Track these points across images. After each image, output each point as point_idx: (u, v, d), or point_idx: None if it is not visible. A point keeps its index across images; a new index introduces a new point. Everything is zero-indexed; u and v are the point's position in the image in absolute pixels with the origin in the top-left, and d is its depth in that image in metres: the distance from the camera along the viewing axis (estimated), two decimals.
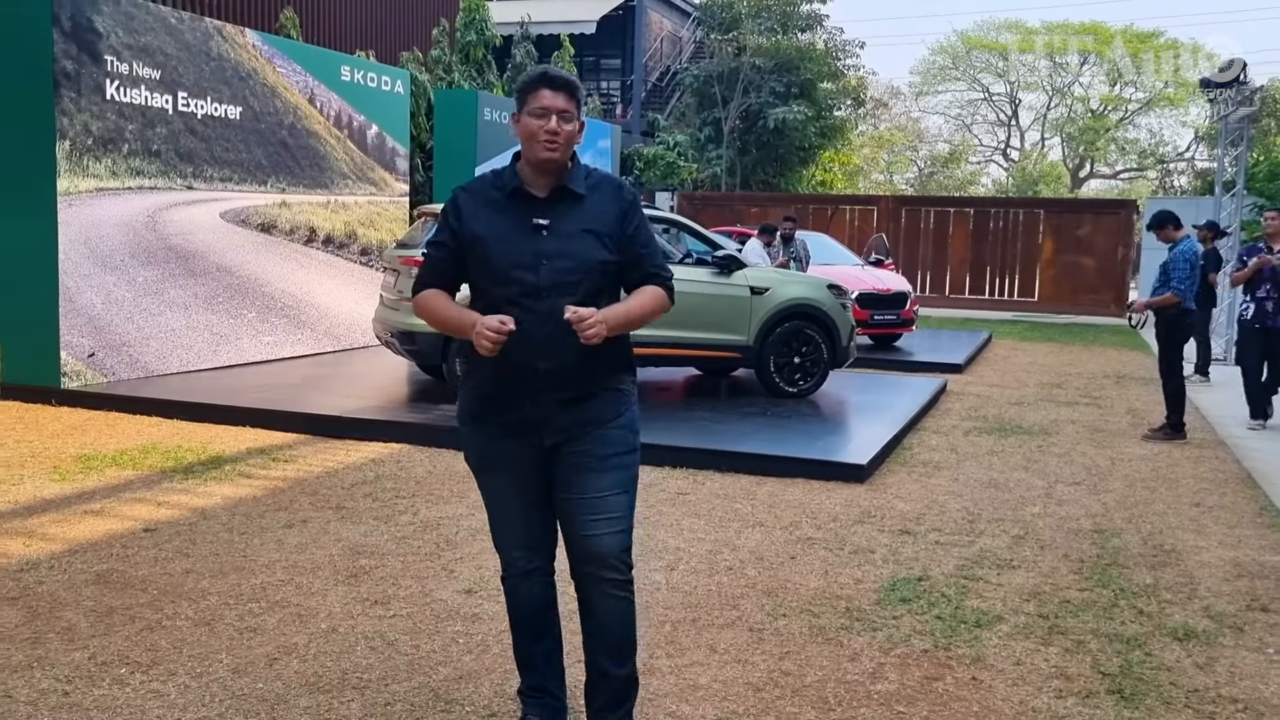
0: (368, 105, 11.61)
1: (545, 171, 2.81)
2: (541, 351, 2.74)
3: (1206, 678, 3.71)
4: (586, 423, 2.84)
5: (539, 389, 2.78)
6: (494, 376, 2.83)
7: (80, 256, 8.40)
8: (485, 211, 2.83)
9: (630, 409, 2.94)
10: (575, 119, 2.82)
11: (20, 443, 6.94)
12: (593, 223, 2.82)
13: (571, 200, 2.83)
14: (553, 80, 2.80)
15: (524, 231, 2.78)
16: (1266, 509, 6.17)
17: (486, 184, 2.89)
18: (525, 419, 2.83)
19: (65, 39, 8.09)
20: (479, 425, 2.91)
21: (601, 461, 2.84)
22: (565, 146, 2.78)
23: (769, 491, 6.17)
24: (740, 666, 3.68)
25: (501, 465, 2.90)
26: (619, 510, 2.87)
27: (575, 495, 2.84)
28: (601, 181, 2.92)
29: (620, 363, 2.94)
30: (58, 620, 3.93)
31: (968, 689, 3.55)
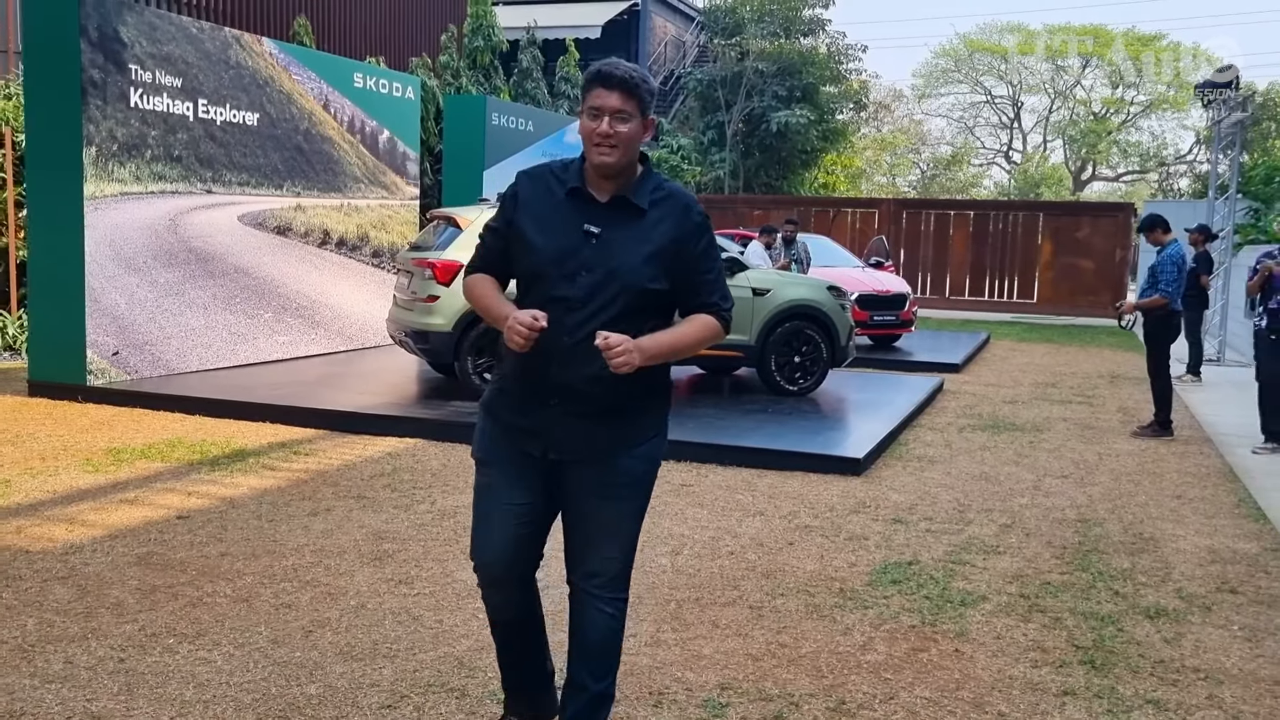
0: (380, 111, 11.92)
1: (604, 175, 2.64)
2: (562, 364, 2.61)
3: (1173, 651, 4.00)
4: (598, 446, 2.70)
5: (550, 398, 2.66)
6: (515, 376, 2.73)
7: (105, 258, 8.71)
8: (542, 204, 2.68)
9: (652, 440, 2.78)
10: (635, 118, 2.60)
11: (52, 437, 7.24)
12: (648, 243, 2.63)
13: (630, 212, 2.65)
14: (607, 77, 2.59)
15: (573, 235, 2.62)
16: (1244, 501, 6.46)
17: (550, 174, 2.73)
18: (534, 427, 2.71)
19: (92, 49, 8.40)
20: (491, 417, 2.81)
21: (609, 489, 2.72)
22: (624, 150, 2.59)
23: (769, 483, 6.47)
24: (740, 639, 3.97)
25: (501, 463, 2.77)
26: (623, 536, 2.77)
27: (581, 516, 2.76)
28: (670, 197, 2.71)
29: (652, 388, 2.77)
30: (106, 597, 4.23)
31: (950, 659, 3.84)
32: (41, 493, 5.81)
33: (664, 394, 2.83)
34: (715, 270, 2.74)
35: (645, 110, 2.63)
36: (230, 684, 3.46)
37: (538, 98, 19.22)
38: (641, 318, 2.64)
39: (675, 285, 2.68)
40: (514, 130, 13.77)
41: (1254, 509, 6.27)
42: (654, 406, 2.80)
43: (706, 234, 2.73)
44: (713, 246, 2.74)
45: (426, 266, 8.48)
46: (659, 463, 2.83)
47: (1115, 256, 20.76)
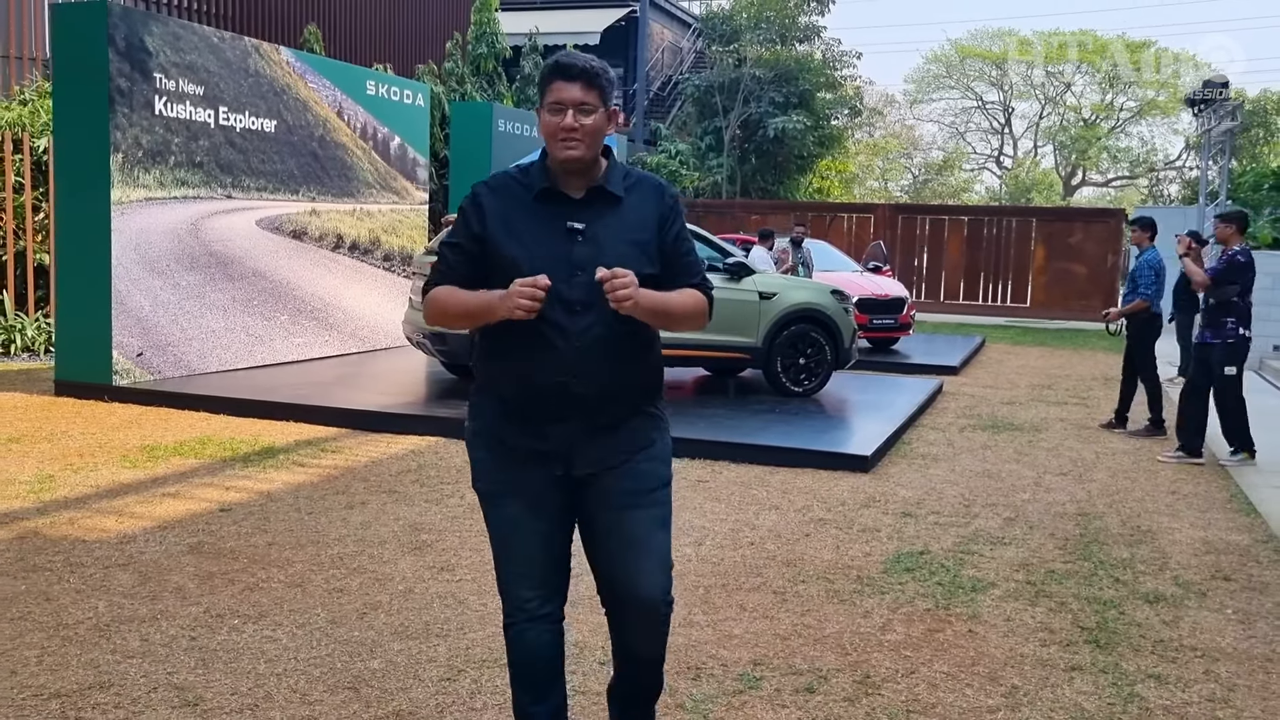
0: (391, 118, 12.17)
1: (572, 171, 2.54)
2: (573, 371, 2.49)
3: (1171, 632, 4.28)
4: (618, 453, 2.60)
5: (568, 413, 2.54)
6: (517, 394, 2.57)
7: (130, 262, 8.94)
8: (513, 212, 2.55)
9: (663, 437, 2.71)
10: (598, 109, 2.50)
11: (85, 435, 7.48)
12: (633, 230, 2.57)
13: (608, 202, 2.57)
14: (566, 69, 2.49)
15: (557, 237, 2.51)
16: (1236, 496, 6.75)
17: (511, 181, 2.61)
18: (550, 447, 2.57)
19: (120, 58, 8.64)
20: (495, 446, 2.63)
21: (637, 498, 2.60)
22: (589, 143, 2.50)
23: (781, 480, 6.74)
24: (768, 621, 4.24)
25: (518, 493, 2.62)
26: (660, 549, 2.63)
27: (610, 533, 2.62)
28: (641, 182, 2.65)
29: (652, 385, 2.71)
30: (167, 582, 4.48)
31: (965, 639, 4.12)
32: (85, 487, 6.05)
33: (662, 385, 2.76)
34: (693, 251, 2.69)
35: (607, 100, 2.53)
36: (297, 659, 3.72)
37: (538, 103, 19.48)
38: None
39: (661, 270, 2.61)
40: (519, 136, 14.03)
41: (1245, 503, 6.56)
42: (658, 400, 2.73)
43: (680, 215, 2.68)
44: (685, 226, 2.70)
45: None
46: (671, 458, 2.74)
47: (1106, 262, 21.11)
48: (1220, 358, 7.64)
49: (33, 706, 3.31)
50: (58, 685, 3.46)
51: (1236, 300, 7.52)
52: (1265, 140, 37.16)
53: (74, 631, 3.91)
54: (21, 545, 4.94)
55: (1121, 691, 3.68)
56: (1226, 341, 7.60)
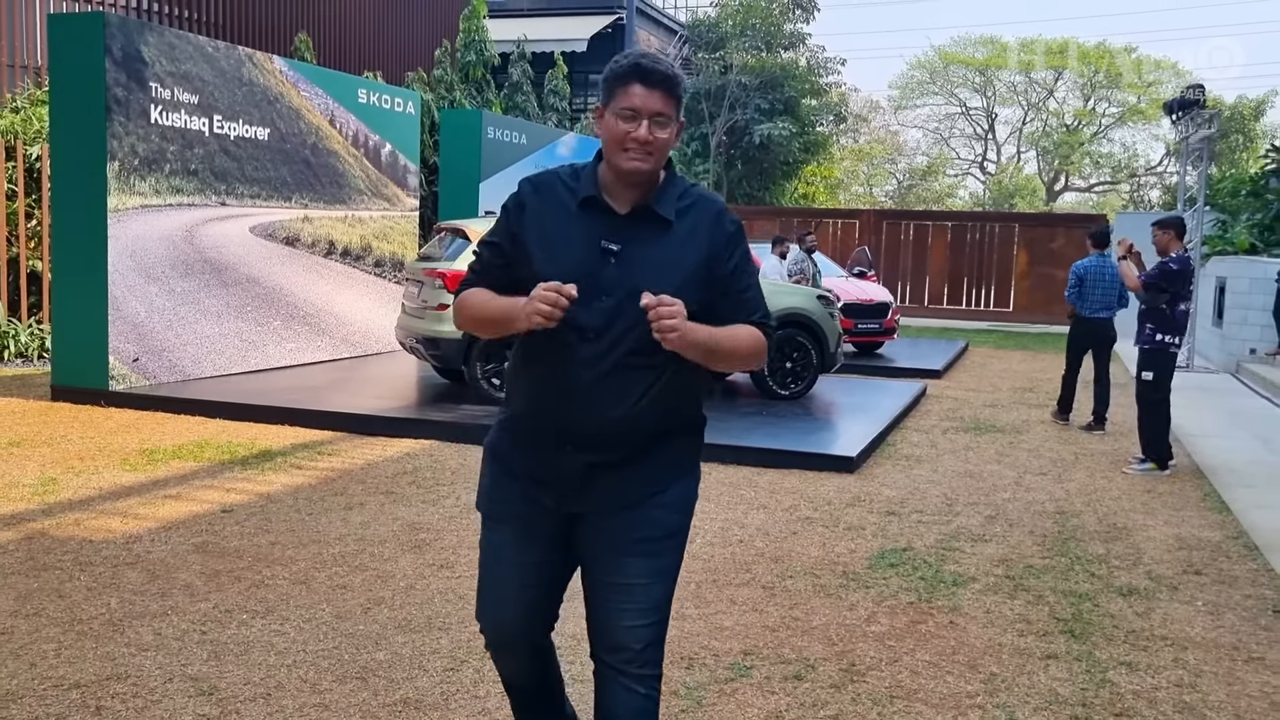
0: (382, 125, 12.31)
1: (630, 184, 2.31)
2: (581, 405, 2.31)
3: (1143, 622, 4.47)
4: (619, 496, 2.37)
5: (567, 446, 2.35)
6: (524, 416, 2.43)
7: (126, 268, 9.06)
8: (552, 217, 2.35)
9: (681, 482, 2.44)
10: (673, 122, 2.30)
11: (84, 439, 7.59)
12: (677, 257, 2.31)
13: (655, 225, 2.33)
14: (647, 74, 2.26)
15: (588, 253, 2.29)
16: (1209, 495, 6.96)
17: (559, 182, 2.40)
18: (546, 477, 2.39)
19: (116, 67, 8.77)
20: (499, 464, 2.49)
21: (635, 545, 2.38)
22: (659, 158, 2.30)
23: (769, 480, 6.91)
24: (757, 614, 4.41)
25: (511, 519, 2.46)
26: (650, 601, 2.39)
27: (601, 576, 2.41)
28: (698, 203, 2.38)
29: (685, 422, 2.45)
30: (175, 580, 4.62)
31: (946, 629, 4.30)
32: (88, 489, 6.18)
33: (698, 428, 2.49)
34: (753, 286, 2.41)
35: (680, 112, 2.35)
36: (306, 651, 3.87)
37: (528, 110, 19.69)
38: (668, 353, 2.27)
39: (709, 307, 2.33)
40: (508, 143, 14.19)
41: (1218, 502, 6.77)
42: (686, 444, 2.46)
43: (741, 244, 2.39)
44: (748, 259, 2.41)
45: (437, 276, 8.89)
46: (692, 511, 2.47)
47: None
48: (1140, 363, 7.70)
49: (54, 696, 3.45)
50: (76, 676, 3.60)
51: (1164, 308, 7.48)
52: (1245, 146, 37.61)
53: (88, 626, 4.05)
54: (30, 545, 5.06)
55: (1094, 678, 3.86)
56: (1144, 348, 7.64)
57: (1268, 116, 38.62)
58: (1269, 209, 16.30)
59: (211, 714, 3.35)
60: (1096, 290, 9.33)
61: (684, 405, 2.43)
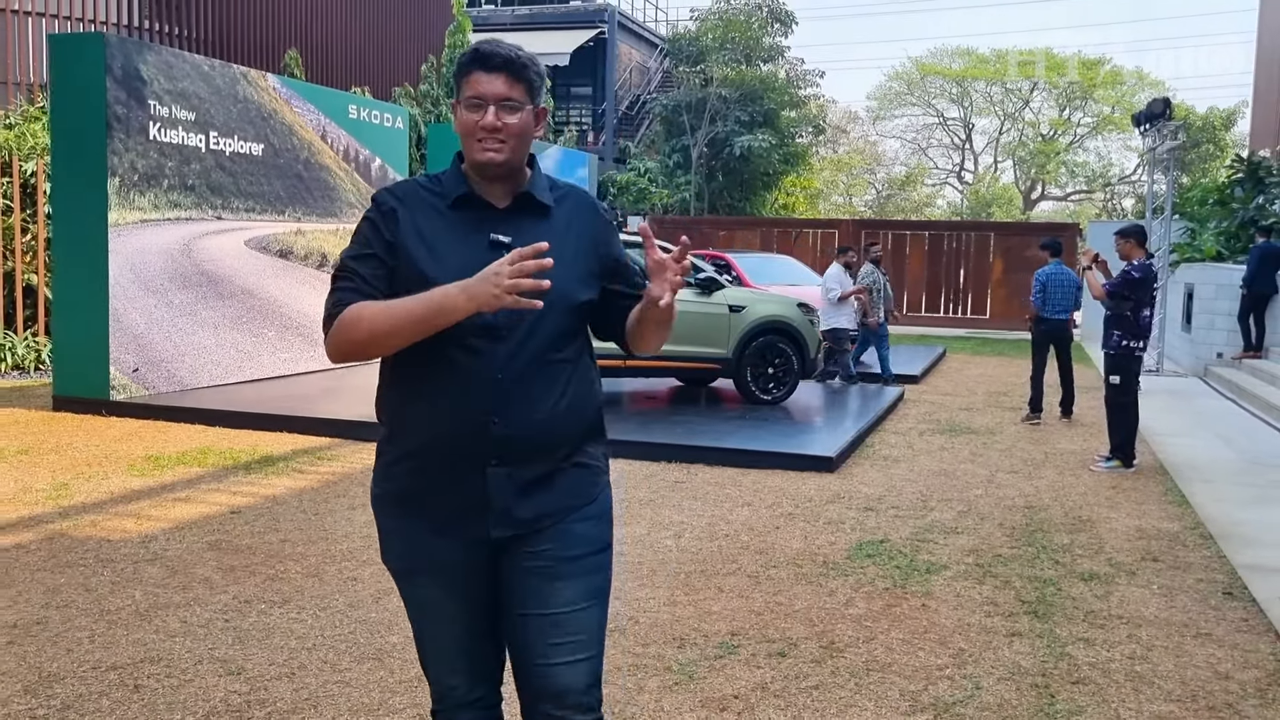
0: (371, 140, 12.60)
1: (493, 176, 2.18)
2: (501, 410, 2.10)
3: (1102, 604, 4.80)
4: (548, 512, 2.19)
5: (489, 459, 2.13)
6: (430, 441, 2.16)
7: (127, 281, 9.31)
8: (426, 221, 2.17)
9: (604, 491, 2.30)
10: (524, 106, 2.15)
11: (89, 446, 7.84)
12: (568, 246, 2.18)
13: (537, 213, 2.21)
14: (487, 58, 2.14)
15: (477, 250, 2.13)
16: (1170, 491, 7.31)
17: (419, 189, 2.22)
18: (467, 504, 2.15)
19: (117, 86, 9.03)
20: (402, 511, 2.23)
21: (566, 565, 2.19)
22: (513, 145, 2.14)
23: (753, 480, 7.22)
24: (743, 600, 4.72)
25: (434, 570, 2.23)
26: (587, 630, 2.21)
27: (532, 612, 2.19)
28: (571, 194, 2.30)
29: (593, 424, 2.29)
30: (194, 575, 4.89)
31: (919, 611, 4.61)
32: (100, 493, 6.43)
33: (604, 433, 2.35)
34: (633, 265, 2.34)
35: (535, 96, 2.19)
36: (323, 636, 4.15)
37: None
38: (575, 338, 2.22)
39: (604, 298, 2.27)
40: None
41: (1179, 497, 7.12)
42: (598, 447, 2.31)
43: (615, 228, 2.36)
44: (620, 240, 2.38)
45: None
46: (613, 518, 2.32)
47: None
48: (1107, 366, 8.09)
49: (94, 677, 3.72)
50: (112, 660, 3.87)
51: (1128, 314, 7.82)
52: (1215, 155, 38.30)
53: (117, 616, 4.32)
54: (51, 545, 5.32)
55: (1054, 652, 4.18)
56: (1109, 353, 7.97)
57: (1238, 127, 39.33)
58: (1235, 217, 16.76)
59: (241, 691, 3.63)
60: (1056, 294, 10.16)
61: (596, 401, 2.29)
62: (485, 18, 28.04)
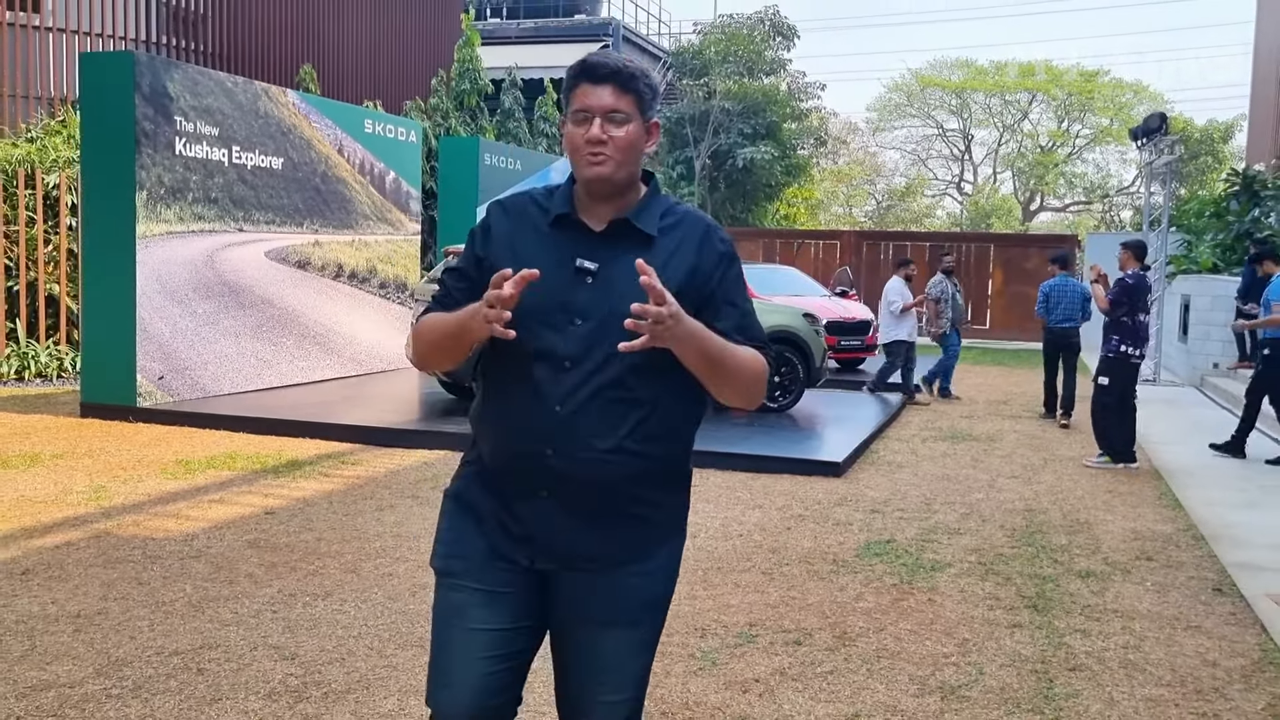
0: (386, 154, 12.91)
1: (598, 196, 2.10)
2: (556, 442, 2.05)
3: (1097, 599, 5.07)
4: (594, 556, 2.12)
5: (542, 491, 2.09)
6: (492, 457, 2.15)
7: (153, 291, 9.60)
8: (522, 238, 2.13)
9: (668, 546, 2.20)
10: (633, 119, 2.08)
11: (120, 451, 8.11)
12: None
13: (635, 241, 2.09)
14: (593, 70, 2.07)
15: (561, 274, 2.07)
16: (1165, 494, 7.59)
17: (530, 202, 2.19)
18: (516, 530, 2.12)
19: (145, 103, 9.33)
20: (464, 511, 2.20)
21: (616, 616, 2.14)
22: (621, 159, 2.07)
23: (762, 484, 7.50)
24: (759, 594, 4.99)
25: (475, 576, 2.15)
26: (630, 676, 2.18)
27: (575, 649, 2.18)
28: (685, 219, 2.17)
29: (672, 470, 2.18)
30: (238, 570, 5.16)
31: (925, 605, 4.89)
32: (137, 495, 6.71)
33: (685, 480, 2.24)
34: (750, 309, 2.19)
35: (646, 110, 2.11)
36: (367, 625, 4.42)
37: (520, 136, 20.34)
38: (654, 378, 2.07)
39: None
40: (504, 169, 14.81)
41: (1173, 500, 7.40)
42: (673, 499, 2.21)
43: (733, 266, 2.18)
44: (741, 280, 2.20)
45: None
46: (676, 576, 2.24)
47: None
48: (1100, 368, 8.62)
49: (158, 661, 3.99)
50: (174, 646, 4.14)
51: (1126, 320, 8.42)
52: (1214, 168, 38.64)
53: (172, 607, 4.59)
54: (99, 543, 5.59)
55: (1053, 642, 4.46)
56: (1107, 356, 8.54)
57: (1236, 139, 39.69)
58: (1230, 230, 17.07)
59: (297, 673, 3.91)
60: (1060, 305, 10.83)
61: (673, 450, 2.17)
62: (492, 31, 28.41)
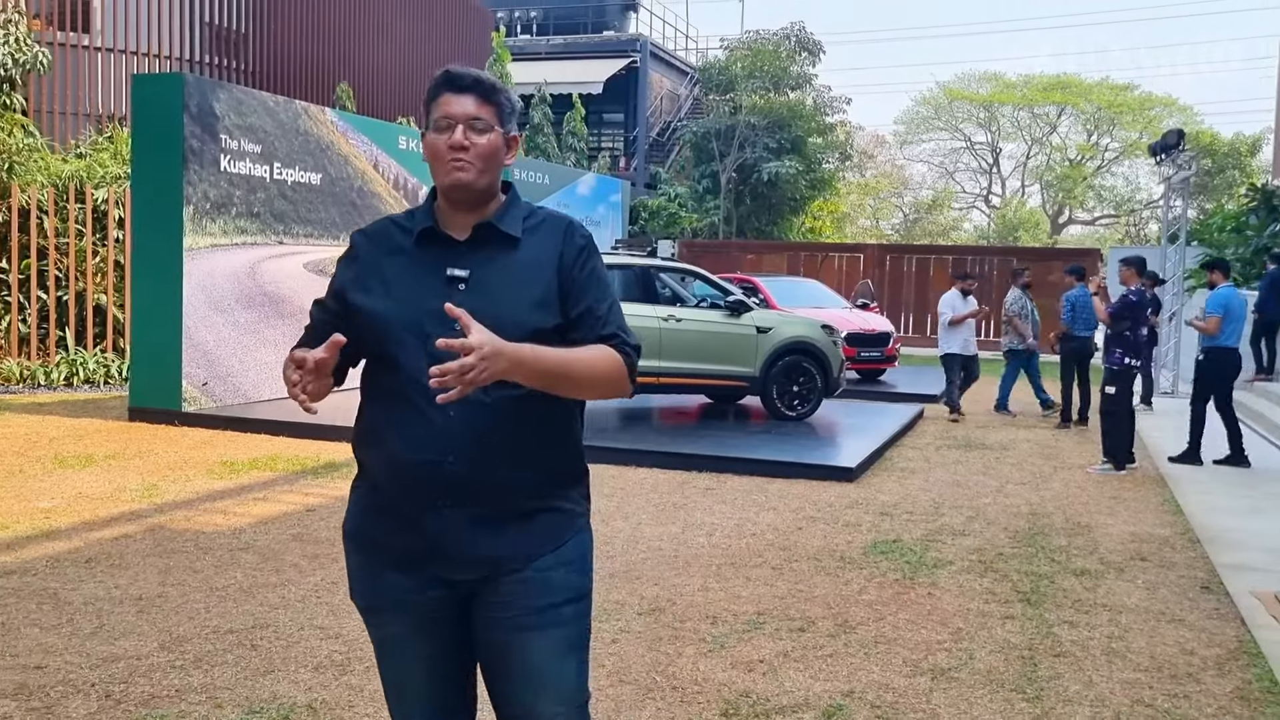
0: (419, 169, 13.34)
1: (461, 204, 2.12)
2: (446, 448, 2.03)
3: (1089, 595, 5.37)
4: (509, 556, 2.09)
5: (443, 500, 2.05)
6: (385, 478, 2.12)
7: (198, 301, 10.06)
8: (387, 259, 2.14)
9: (577, 535, 2.18)
10: (493, 129, 2.11)
11: (168, 453, 8.56)
12: (528, 276, 2.11)
13: (500, 244, 2.13)
14: (456, 80, 2.12)
15: (433, 286, 2.08)
16: (1167, 501, 7.86)
17: (391, 225, 2.21)
18: (424, 546, 2.09)
19: (193, 121, 9.82)
20: (367, 548, 2.17)
21: (537, 616, 2.10)
22: (481, 166, 2.09)
23: (778, 488, 7.83)
24: (768, 587, 5.33)
25: (396, 608, 2.15)
26: (567, 680, 2.14)
27: (503, 663, 2.13)
28: (546, 221, 2.19)
29: (561, 469, 2.18)
30: (283, 560, 5.56)
31: (924, 598, 5.21)
32: (186, 493, 7.13)
33: (582, 473, 2.24)
34: (609, 298, 2.18)
35: (505, 121, 2.15)
36: None
37: (548, 151, 20.82)
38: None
39: (562, 327, 2.13)
40: (533, 184, 15.24)
41: (1174, 506, 7.67)
42: (574, 491, 2.21)
43: (593, 256, 2.20)
44: (601, 272, 2.19)
45: None
46: (591, 569, 2.22)
47: None
48: (1105, 378, 9.03)
49: (216, 638, 4.38)
50: (229, 626, 4.53)
51: (1128, 333, 8.81)
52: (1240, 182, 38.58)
53: (225, 593, 4.99)
54: (154, 535, 6.01)
55: (1041, 631, 4.77)
56: (1111, 368, 8.97)
57: (1263, 153, 39.60)
58: (1249, 244, 17.22)
59: (343, 650, 4.29)
60: (1084, 314, 11.32)
61: (566, 441, 2.18)
62: (522, 47, 28.94)
